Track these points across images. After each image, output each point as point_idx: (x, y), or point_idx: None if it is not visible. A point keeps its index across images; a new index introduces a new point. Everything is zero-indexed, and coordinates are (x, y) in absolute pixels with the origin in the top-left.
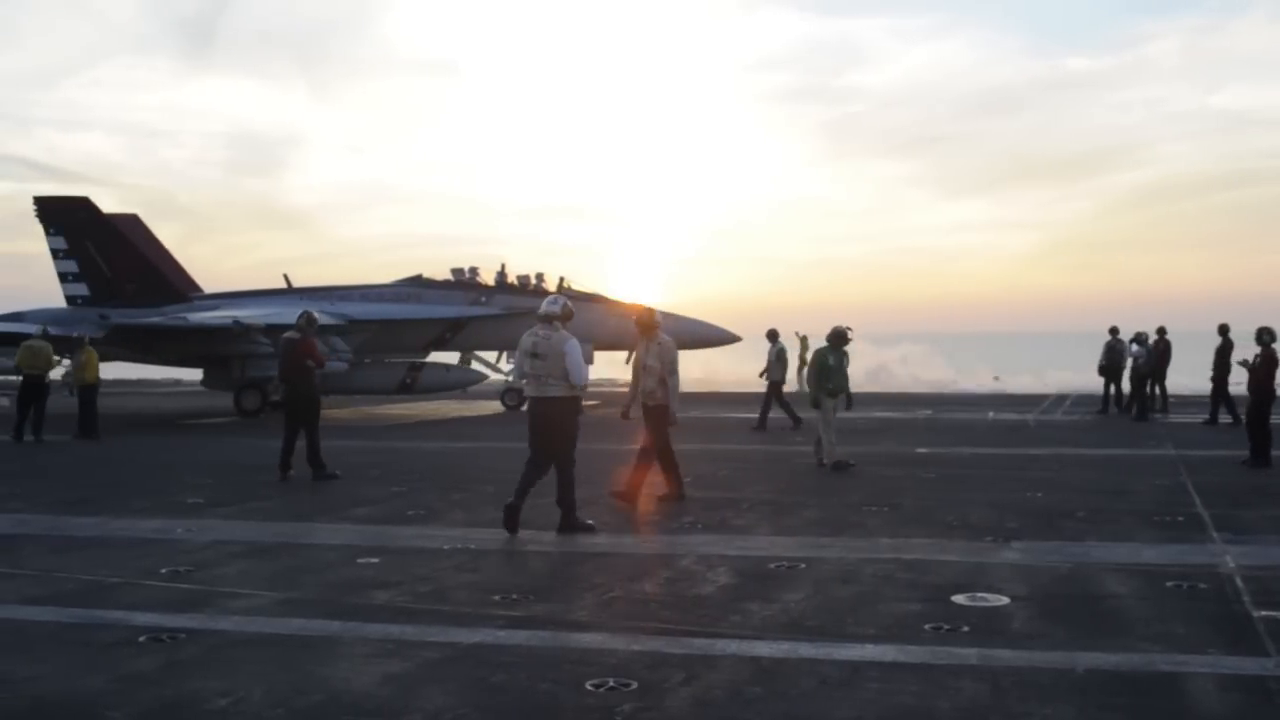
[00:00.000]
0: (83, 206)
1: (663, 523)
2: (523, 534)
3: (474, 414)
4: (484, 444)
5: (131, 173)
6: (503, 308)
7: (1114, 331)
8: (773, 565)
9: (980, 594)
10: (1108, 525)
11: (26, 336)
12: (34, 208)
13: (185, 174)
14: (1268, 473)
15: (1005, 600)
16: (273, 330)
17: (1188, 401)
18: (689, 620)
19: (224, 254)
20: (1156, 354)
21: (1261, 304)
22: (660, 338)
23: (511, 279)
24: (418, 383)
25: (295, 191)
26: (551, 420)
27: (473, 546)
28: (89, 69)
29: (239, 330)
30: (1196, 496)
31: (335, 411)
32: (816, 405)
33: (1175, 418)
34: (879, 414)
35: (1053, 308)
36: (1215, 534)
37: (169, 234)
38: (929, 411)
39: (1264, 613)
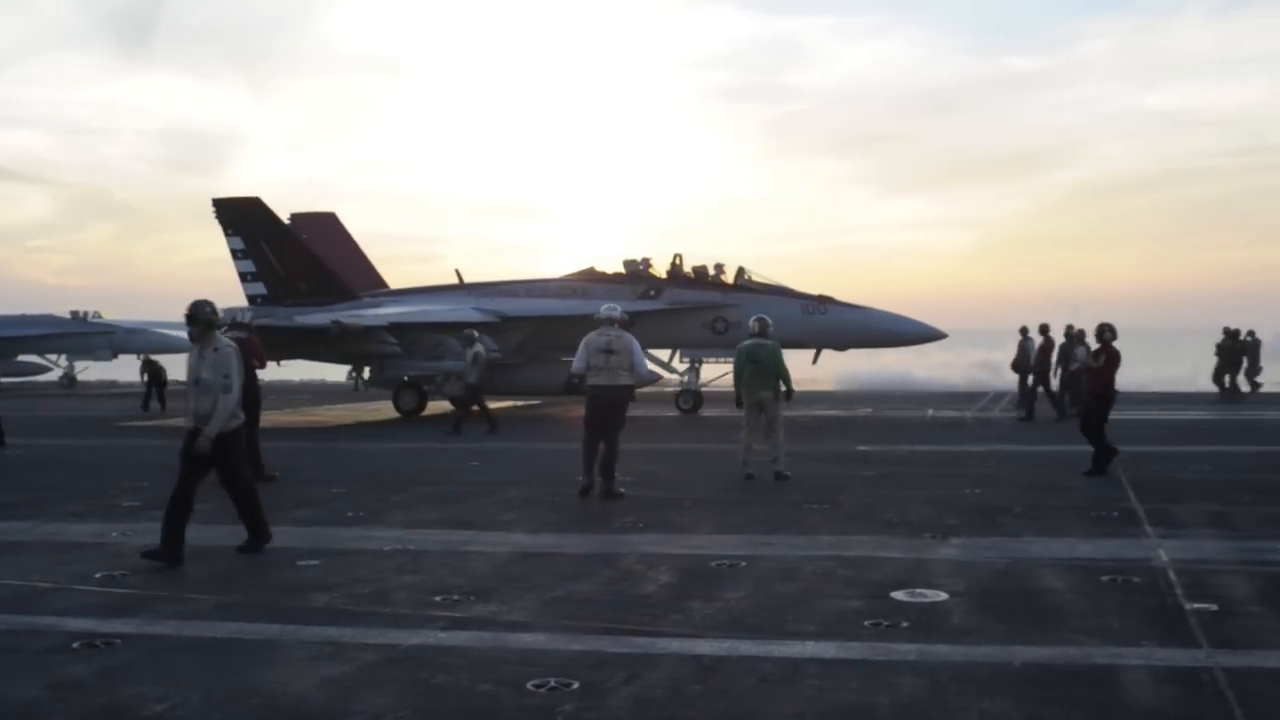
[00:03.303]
0: (255, 207)
1: (605, 522)
2: (463, 534)
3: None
4: (425, 444)
5: (66, 170)
6: (669, 302)
7: (1051, 331)
8: (714, 564)
9: (919, 590)
10: (1045, 521)
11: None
12: (212, 209)
13: (122, 171)
14: (1198, 468)
15: (944, 596)
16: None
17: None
18: (631, 619)
19: (164, 252)
20: (1038, 350)
21: (1196, 300)
22: (218, 342)
23: (687, 270)
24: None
25: (235, 189)
26: (616, 404)
27: (413, 547)
28: (21, 65)
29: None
30: (1131, 491)
31: (274, 414)
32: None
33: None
34: (819, 411)
35: (991, 304)
36: (1149, 529)
37: (105, 232)
38: (869, 409)
39: (1196, 605)
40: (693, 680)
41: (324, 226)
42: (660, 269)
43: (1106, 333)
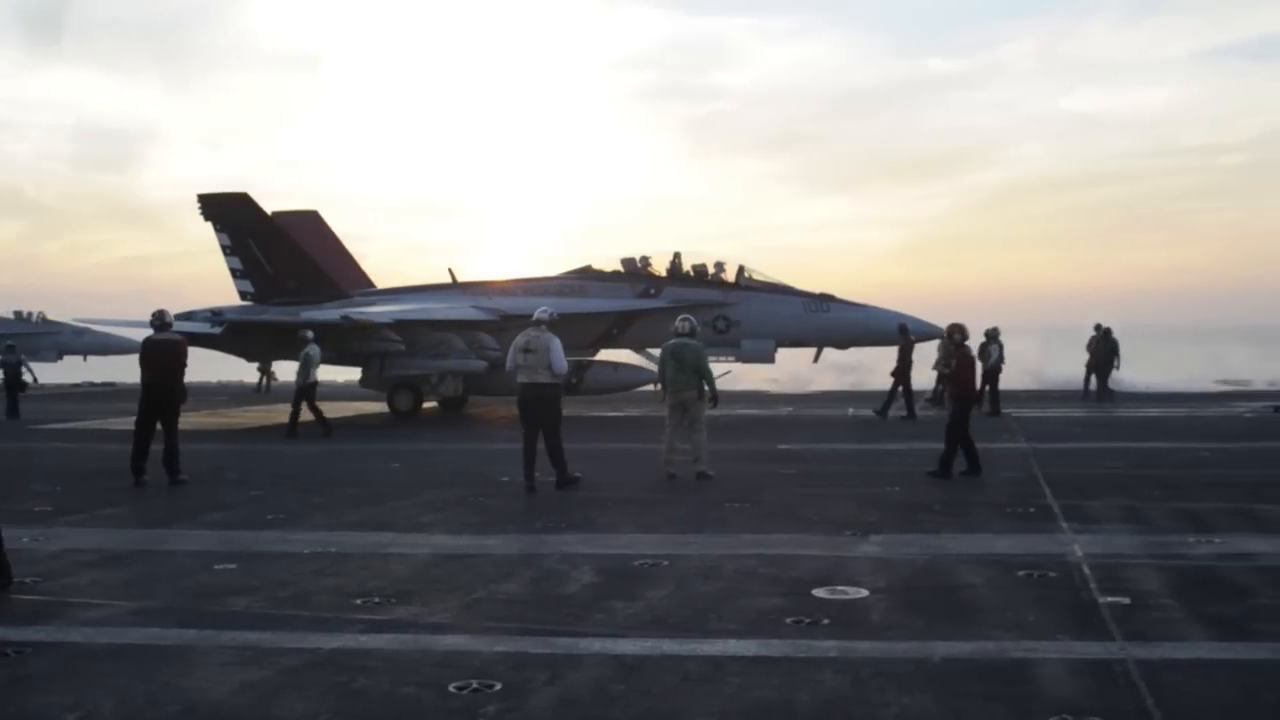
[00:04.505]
0: (242, 203)
1: (527, 522)
2: (384, 536)
3: (334, 416)
4: (343, 445)
5: None
6: (671, 300)
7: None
8: (636, 563)
9: (840, 587)
10: (963, 517)
11: (200, 336)
12: (198, 205)
13: (32, 168)
14: (1110, 464)
15: (864, 593)
16: (404, 326)
17: (1037, 395)
18: (553, 620)
19: (75, 252)
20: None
21: (1112, 299)
22: None
23: (687, 268)
24: (583, 383)
25: (150, 188)
26: (542, 401)
27: (334, 550)
28: None
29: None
30: (1047, 488)
31: (191, 415)
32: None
33: (1025, 411)
34: (741, 411)
35: (917, 304)
36: (1064, 524)
37: (13, 231)
38: (790, 408)
39: (1109, 599)
40: (615, 680)
41: (307, 225)
42: (659, 267)
43: (956, 334)
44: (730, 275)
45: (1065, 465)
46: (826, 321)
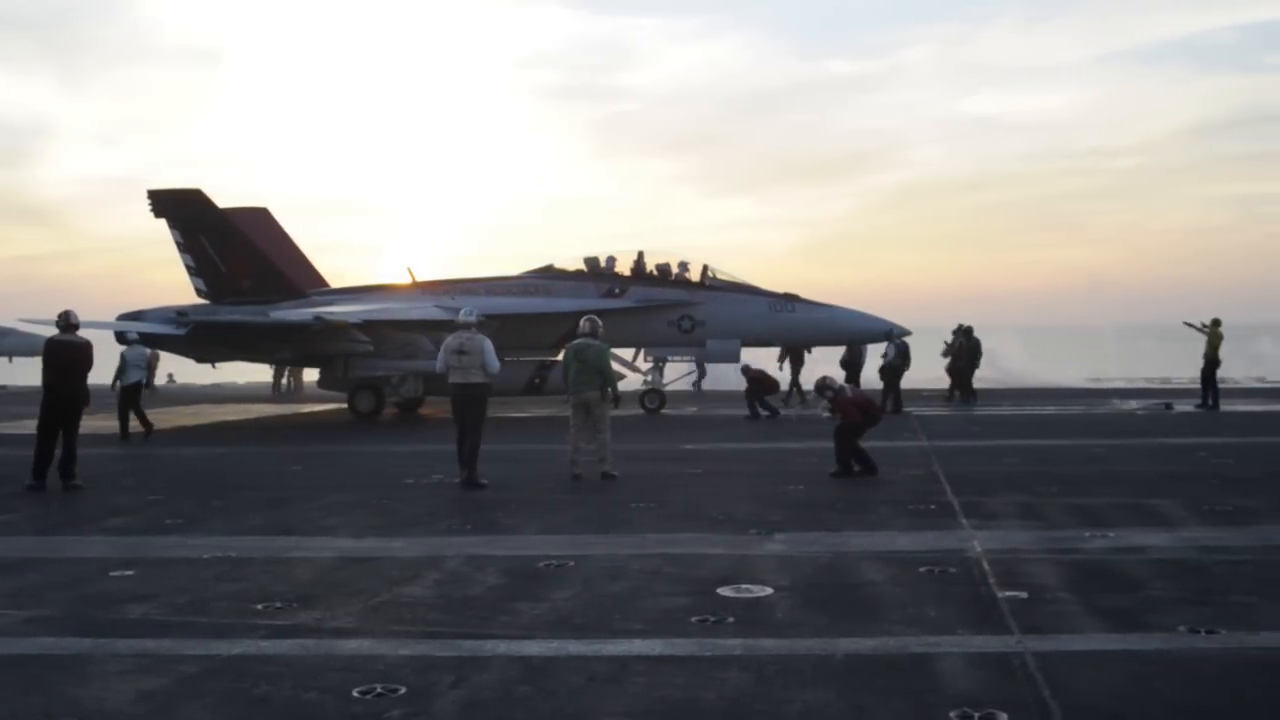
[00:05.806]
0: (195, 199)
1: (431, 524)
2: (286, 540)
3: (237, 419)
4: (245, 448)
5: None
6: (637, 300)
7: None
8: (542, 564)
9: (745, 585)
10: (865, 515)
11: (160, 337)
12: (148, 201)
13: None
14: (1008, 461)
15: (769, 591)
16: (371, 327)
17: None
18: (458, 622)
19: None
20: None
21: (1005, 300)
22: None
23: (651, 268)
24: (546, 383)
25: (41, 185)
26: (474, 400)
27: (234, 555)
28: None
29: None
30: (947, 485)
31: (84, 419)
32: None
33: (927, 410)
34: (646, 410)
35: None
36: (964, 520)
37: None
38: (695, 409)
39: (1007, 593)
40: (521, 681)
41: (257, 222)
42: (623, 266)
43: (826, 392)
44: (695, 275)
45: (965, 463)
46: (791, 321)
